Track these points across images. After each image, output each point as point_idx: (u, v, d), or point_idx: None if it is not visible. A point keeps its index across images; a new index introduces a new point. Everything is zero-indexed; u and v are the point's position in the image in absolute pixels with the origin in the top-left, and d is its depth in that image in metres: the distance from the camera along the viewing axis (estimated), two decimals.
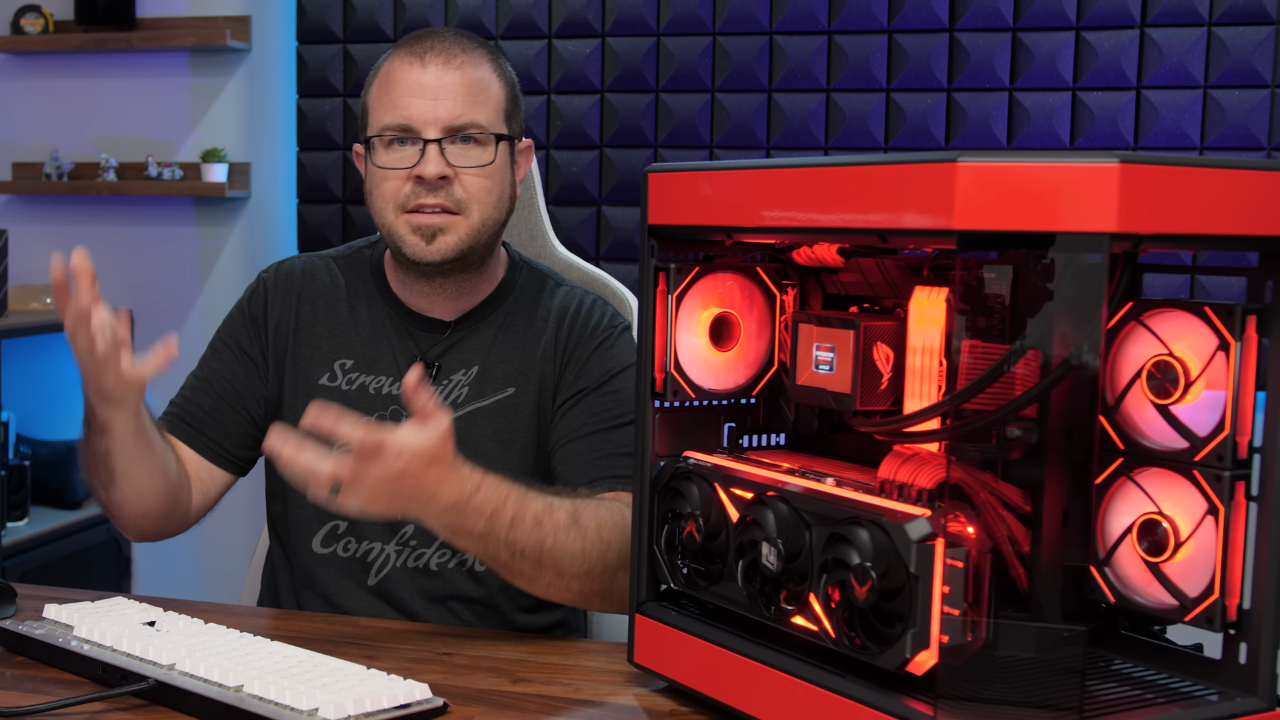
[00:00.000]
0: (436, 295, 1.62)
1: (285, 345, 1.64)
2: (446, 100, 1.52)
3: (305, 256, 1.72)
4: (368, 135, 1.57)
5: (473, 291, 1.63)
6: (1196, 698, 1.05)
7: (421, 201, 1.53)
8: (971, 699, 0.98)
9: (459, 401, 1.60)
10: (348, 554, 1.59)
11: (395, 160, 1.53)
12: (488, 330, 1.63)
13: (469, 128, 1.53)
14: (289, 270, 1.69)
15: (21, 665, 1.31)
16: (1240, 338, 1.01)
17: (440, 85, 1.52)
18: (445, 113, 1.52)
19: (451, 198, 1.53)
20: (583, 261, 1.90)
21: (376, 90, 1.57)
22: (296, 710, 1.13)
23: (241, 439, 1.64)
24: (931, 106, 2.98)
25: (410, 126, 1.52)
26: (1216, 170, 0.97)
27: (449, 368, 1.61)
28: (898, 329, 1.13)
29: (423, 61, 1.53)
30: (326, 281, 1.67)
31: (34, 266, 3.67)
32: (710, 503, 1.20)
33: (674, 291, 1.23)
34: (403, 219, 1.54)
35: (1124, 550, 1.07)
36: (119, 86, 3.60)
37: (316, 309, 1.65)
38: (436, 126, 1.52)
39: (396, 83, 1.54)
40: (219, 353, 1.67)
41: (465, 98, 1.53)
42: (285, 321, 1.65)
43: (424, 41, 1.55)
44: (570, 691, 1.26)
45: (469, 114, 1.53)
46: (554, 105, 3.20)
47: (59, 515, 3.44)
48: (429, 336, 1.62)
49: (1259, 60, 2.79)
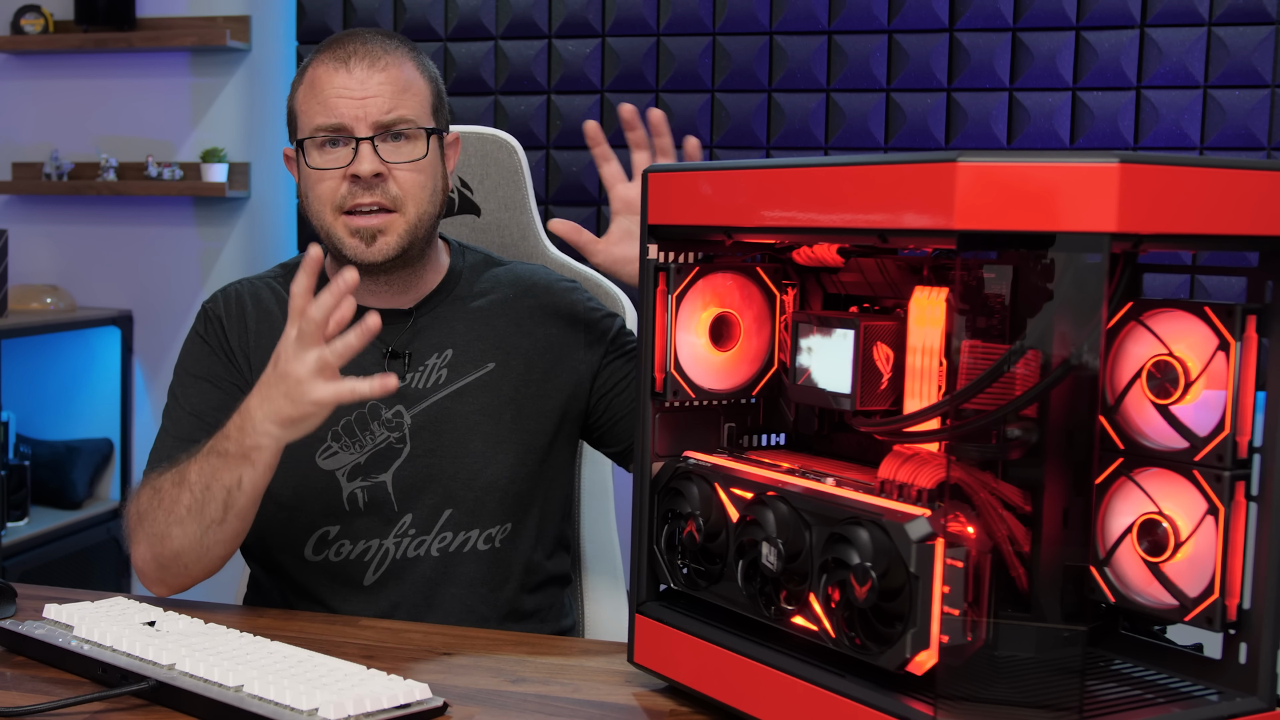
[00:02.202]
0: (383, 291, 1.63)
1: (249, 366, 1.62)
2: (375, 98, 1.54)
3: (244, 281, 1.70)
4: (301, 138, 1.57)
5: (420, 281, 1.65)
6: (1196, 698, 1.05)
7: (358, 201, 1.54)
8: (971, 699, 0.98)
9: (439, 384, 1.61)
10: (341, 557, 1.58)
11: (329, 161, 1.55)
12: (452, 313, 1.65)
13: (399, 123, 1.55)
14: (234, 295, 1.67)
15: (21, 665, 1.31)
16: (1240, 338, 1.01)
17: (367, 85, 1.54)
18: (375, 110, 1.54)
19: (387, 195, 1.54)
20: (574, 261, 1.90)
21: (304, 95, 1.58)
22: (296, 710, 1.13)
23: None
24: (931, 106, 2.98)
25: (342, 125, 1.53)
26: (1216, 170, 0.97)
27: (420, 354, 1.62)
28: (898, 329, 1.13)
29: (348, 65, 1.54)
30: (272, 299, 1.66)
31: (34, 266, 3.67)
32: (710, 503, 1.20)
33: (674, 291, 1.23)
34: (341, 221, 1.55)
35: (1124, 550, 1.07)
36: (119, 86, 3.60)
37: (273, 326, 1.63)
38: (367, 124, 1.53)
39: (324, 86, 1.55)
40: (194, 387, 1.62)
41: (392, 95, 1.55)
42: (244, 343, 1.63)
43: (346, 45, 1.56)
44: (570, 691, 1.26)
45: (398, 109, 1.55)
46: (554, 105, 3.20)
47: (59, 515, 3.44)
48: (390, 328, 1.62)
49: (1259, 60, 2.79)
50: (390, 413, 1.59)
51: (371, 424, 1.58)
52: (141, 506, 1.50)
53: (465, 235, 1.90)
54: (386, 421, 1.59)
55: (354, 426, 1.58)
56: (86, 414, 3.66)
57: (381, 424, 1.59)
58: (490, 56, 3.24)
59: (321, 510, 1.58)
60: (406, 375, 1.61)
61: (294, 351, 1.35)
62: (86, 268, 3.66)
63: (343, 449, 1.58)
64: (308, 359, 1.34)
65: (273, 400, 1.36)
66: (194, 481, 1.43)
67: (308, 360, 1.34)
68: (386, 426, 1.59)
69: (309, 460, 1.58)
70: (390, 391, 1.35)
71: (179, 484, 1.45)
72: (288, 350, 1.35)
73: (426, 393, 1.61)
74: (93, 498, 3.63)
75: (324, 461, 1.58)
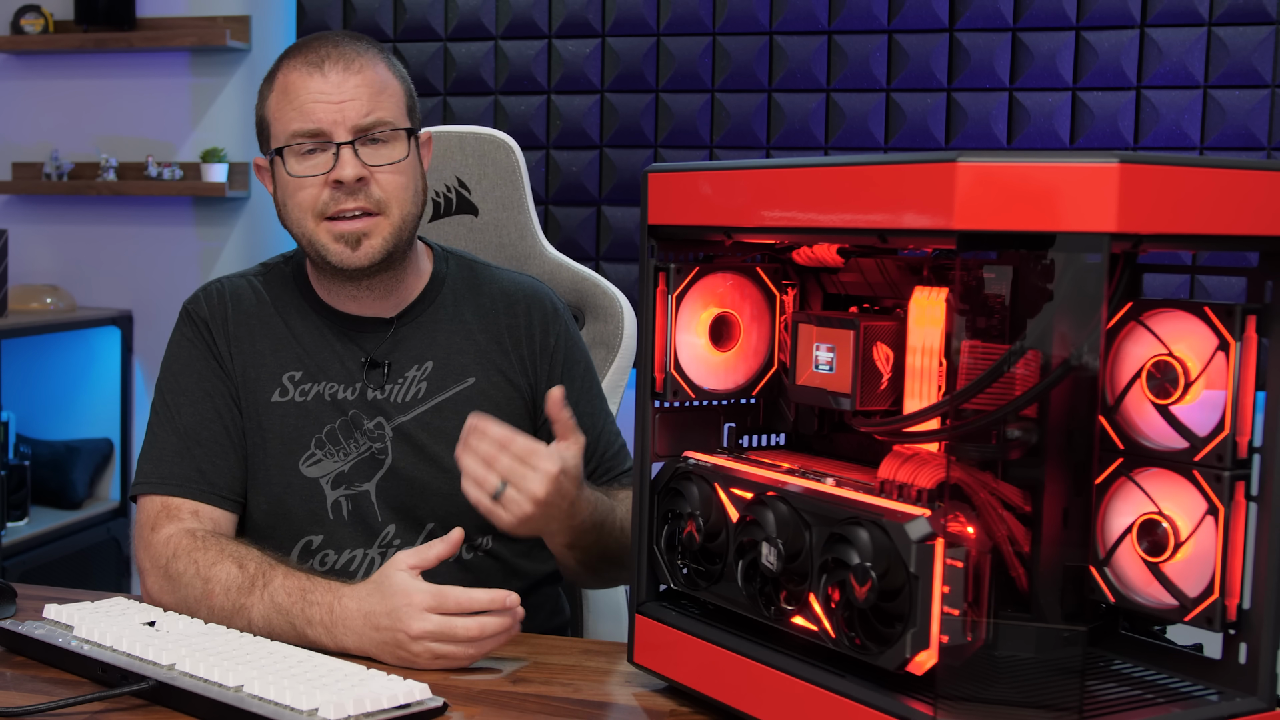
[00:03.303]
0: (365, 297, 1.60)
1: (234, 367, 1.60)
2: (352, 102, 1.51)
3: (224, 279, 1.66)
4: (277, 146, 1.54)
5: (402, 287, 1.62)
6: (1196, 698, 1.05)
7: (341, 207, 1.52)
8: (971, 699, 0.98)
9: (419, 397, 1.59)
10: (325, 567, 1.57)
11: (309, 168, 1.52)
12: (433, 323, 1.63)
13: (377, 126, 1.52)
14: (215, 295, 1.63)
15: (21, 665, 1.31)
16: (1240, 338, 1.01)
17: (343, 89, 1.51)
18: (353, 114, 1.51)
19: (371, 199, 1.52)
20: (572, 261, 1.90)
21: (276, 102, 1.55)
22: (296, 710, 1.13)
23: (245, 478, 1.58)
24: (931, 106, 2.98)
25: (320, 130, 1.50)
26: (1216, 170, 0.97)
27: (400, 365, 1.60)
28: (898, 329, 1.13)
29: (322, 70, 1.52)
30: (253, 300, 1.63)
31: (34, 266, 3.67)
32: (710, 503, 1.20)
33: (674, 291, 1.23)
34: (323, 227, 1.53)
35: (1124, 550, 1.07)
36: (119, 86, 3.60)
37: (251, 329, 1.61)
38: (345, 128, 1.51)
39: (299, 92, 1.52)
40: (184, 399, 1.58)
41: (370, 98, 1.52)
42: (228, 346, 1.60)
43: (318, 49, 1.53)
44: (570, 691, 1.26)
45: (375, 112, 1.52)
46: (554, 105, 3.20)
47: (59, 515, 3.44)
48: (371, 337, 1.60)
49: (1259, 60, 2.79)
50: (372, 424, 1.57)
51: (355, 433, 1.57)
52: (175, 572, 1.44)
53: (463, 235, 1.90)
54: (369, 432, 1.57)
55: (337, 434, 1.57)
56: (86, 414, 3.66)
57: (364, 434, 1.57)
58: (490, 56, 3.24)
59: (306, 518, 1.56)
60: (386, 386, 1.59)
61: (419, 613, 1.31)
62: (86, 268, 3.66)
63: (326, 456, 1.57)
64: (428, 623, 1.30)
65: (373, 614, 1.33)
66: (256, 619, 1.37)
67: (428, 623, 1.30)
68: (369, 437, 1.57)
69: (293, 468, 1.56)
70: (455, 550, 1.35)
71: (235, 610, 1.39)
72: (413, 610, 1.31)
73: (406, 406, 1.59)
74: (93, 498, 3.63)
75: (308, 469, 1.56)
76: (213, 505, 1.54)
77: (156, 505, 1.52)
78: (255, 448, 1.57)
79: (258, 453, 1.57)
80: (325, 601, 1.35)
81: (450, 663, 1.31)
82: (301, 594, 1.36)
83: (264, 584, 1.38)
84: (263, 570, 1.40)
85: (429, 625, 1.29)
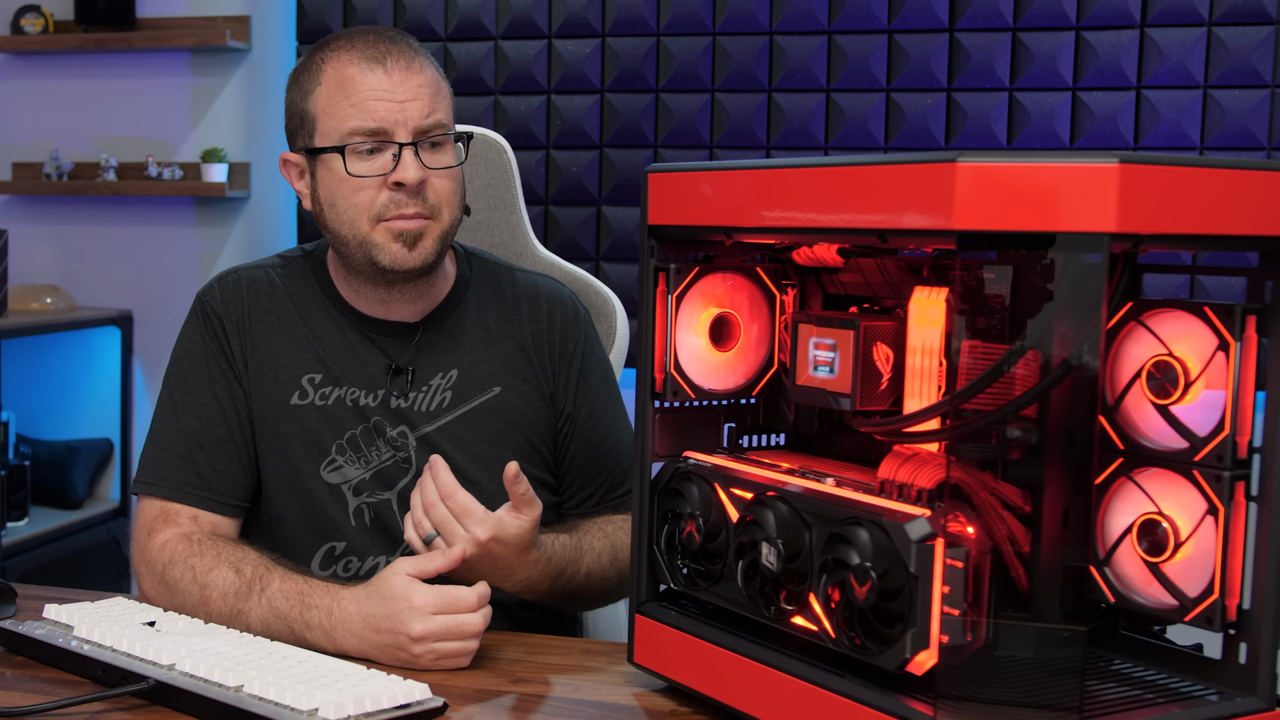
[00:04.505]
0: (395, 300, 1.57)
1: (248, 369, 1.56)
2: (414, 102, 1.47)
3: (243, 269, 1.62)
4: (329, 144, 1.48)
5: (431, 292, 1.60)
6: (1196, 698, 1.05)
7: (402, 211, 1.48)
8: (971, 699, 0.98)
9: (444, 406, 1.57)
10: (349, 573, 1.56)
11: (371, 168, 1.47)
12: (459, 330, 1.60)
13: (435, 129, 1.49)
14: (231, 287, 1.59)
15: (21, 665, 1.31)
16: (1240, 338, 1.01)
17: (406, 88, 1.47)
18: (415, 114, 1.47)
19: (426, 203, 1.49)
20: (563, 261, 1.90)
21: (330, 96, 1.49)
22: (296, 710, 1.13)
23: (249, 484, 1.56)
24: (931, 106, 2.98)
25: (381, 130, 1.46)
26: (1216, 170, 0.97)
27: (424, 373, 1.57)
28: (898, 329, 1.13)
29: (385, 66, 1.47)
30: (271, 293, 1.59)
31: (34, 266, 3.67)
32: (710, 503, 1.20)
33: (674, 291, 1.23)
34: (381, 227, 1.49)
35: (1124, 550, 1.07)
36: (119, 86, 3.60)
37: (269, 326, 1.57)
38: (408, 129, 1.47)
39: (358, 87, 1.47)
40: (191, 399, 1.55)
41: (430, 99, 1.49)
42: (243, 345, 1.57)
43: (375, 44, 1.49)
44: (570, 691, 1.26)
45: (435, 114, 1.49)
46: (554, 105, 3.20)
47: (59, 515, 3.44)
48: (394, 341, 1.58)
49: (1259, 60, 2.79)
50: (395, 432, 1.55)
51: (377, 440, 1.55)
52: (171, 578, 1.44)
53: (457, 234, 1.90)
54: (392, 440, 1.55)
55: (359, 441, 1.55)
56: (86, 414, 3.66)
57: (387, 442, 1.55)
58: (490, 56, 3.24)
59: (329, 524, 1.55)
60: (410, 394, 1.56)
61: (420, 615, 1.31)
62: (86, 268, 3.66)
63: (347, 463, 1.55)
64: (432, 623, 1.30)
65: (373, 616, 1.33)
66: (254, 624, 1.37)
67: (432, 623, 1.30)
68: (392, 445, 1.55)
69: (313, 473, 1.54)
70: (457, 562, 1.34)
71: (233, 616, 1.38)
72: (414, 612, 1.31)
73: (431, 415, 1.57)
74: (93, 498, 3.63)
75: (329, 475, 1.55)
76: (211, 511, 1.52)
77: (155, 509, 1.51)
78: (272, 451, 1.55)
79: (275, 456, 1.55)
80: (323, 605, 1.34)
81: (452, 662, 1.31)
82: (299, 598, 1.36)
83: (261, 588, 1.38)
84: (259, 574, 1.39)
85: (432, 626, 1.29)
